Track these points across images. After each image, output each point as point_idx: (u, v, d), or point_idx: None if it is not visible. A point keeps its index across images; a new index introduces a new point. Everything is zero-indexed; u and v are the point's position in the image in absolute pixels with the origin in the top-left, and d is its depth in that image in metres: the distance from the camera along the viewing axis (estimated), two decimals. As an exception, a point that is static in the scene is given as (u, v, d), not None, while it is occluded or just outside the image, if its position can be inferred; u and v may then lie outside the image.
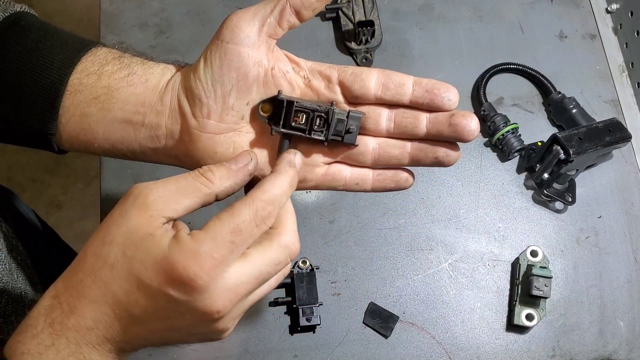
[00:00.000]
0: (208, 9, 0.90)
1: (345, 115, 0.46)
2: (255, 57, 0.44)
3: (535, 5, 0.91)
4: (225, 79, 0.44)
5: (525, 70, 0.86)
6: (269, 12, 0.44)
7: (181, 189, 0.42)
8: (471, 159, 0.83)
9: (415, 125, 0.46)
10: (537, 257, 0.76)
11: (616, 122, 0.79)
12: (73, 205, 1.74)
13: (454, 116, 0.45)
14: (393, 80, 0.46)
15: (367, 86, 0.46)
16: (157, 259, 0.38)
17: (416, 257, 0.78)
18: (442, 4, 0.91)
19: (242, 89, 0.45)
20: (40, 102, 0.47)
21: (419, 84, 0.46)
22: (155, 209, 0.40)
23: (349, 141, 0.47)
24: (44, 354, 0.38)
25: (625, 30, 0.88)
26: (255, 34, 0.44)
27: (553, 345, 0.75)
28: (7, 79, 0.47)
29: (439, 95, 0.45)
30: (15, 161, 1.75)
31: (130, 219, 0.40)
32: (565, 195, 0.79)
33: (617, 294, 0.77)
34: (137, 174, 0.80)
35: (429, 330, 0.75)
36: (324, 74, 0.47)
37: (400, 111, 0.47)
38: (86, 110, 0.47)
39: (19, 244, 0.66)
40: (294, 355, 0.73)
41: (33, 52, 0.47)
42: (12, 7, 0.50)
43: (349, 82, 0.46)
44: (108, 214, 0.41)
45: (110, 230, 0.40)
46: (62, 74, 0.47)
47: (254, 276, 0.40)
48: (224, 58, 0.44)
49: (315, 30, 0.89)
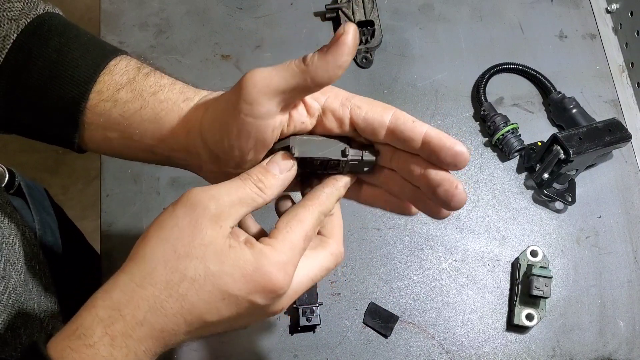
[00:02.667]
0: (208, 9, 0.90)
1: (359, 157, 0.47)
2: (273, 124, 0.43)
3: (535, 5, 0.91)
4: (243, 145, 0.44)
5: (525, 70, 0.86)
6: (292, 88, 0.41)
7: (242, 199, 0.42)
8: (471, 159, 0.83)
9: (410, 176, 0.47)
10: (537, 257, 0.76)
11: (616, 122, 0.79)
12: (73, 206, 1.74)
13: (439, 187, 0.44)
14: (404, 134, 0.45)
15: (377, 135, 0.46)
16: (246, 272, 0.40)
17: (416, 257, 0.78)
18: (442, 4, 0.91)
19: (260, 148, 0.45)
20: (63, 118, 0.48)
21: (427, 143, 0.44)
22: (226, 220, 0.41)
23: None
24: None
25: (625, 30, 0.88)
26: (275, 109, 0.42)
27: (553, 345, 0.75)
28: (32, 92, 0.48)
29: (444, 162, 0.44)
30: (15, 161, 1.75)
31: (203, 230, 0.40)
32: (565, 195, 0.79)
33: (617, 294, 0.77)
34: (137, 173, 0.80)
35: (429, 330, 0.75)
36: (336, 115, 0.46)
37: (402, 156, 0.47)
38: (108, 134, 0.48)
39: (40, 251, 0.66)
40: (294, 355, 0.73)
41: (54, 64, 0.48)
42: (35, 8, 0.50)
43: (360, 129, 0.46)
44: (166, 220, 0.41)
45: (183, 243, 0.40)
46: (82, 90, 0.47)
47: (310, 279, 0.45)
48: (242, 129, 0.43)
49: (315, 30, 0.89)
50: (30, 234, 0.64)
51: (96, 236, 0.79)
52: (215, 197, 0.41)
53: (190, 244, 0.40)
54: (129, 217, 0.79)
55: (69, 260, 0.81)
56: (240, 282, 0.40)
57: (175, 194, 0.80)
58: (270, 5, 0.91)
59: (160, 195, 0.80)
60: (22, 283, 0.59)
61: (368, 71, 0.87)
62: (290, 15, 0.90)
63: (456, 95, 0.86)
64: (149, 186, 0.80)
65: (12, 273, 0.57)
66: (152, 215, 0.79)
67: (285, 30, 0.90)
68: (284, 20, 0.90)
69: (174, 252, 0.40)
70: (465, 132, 0.84)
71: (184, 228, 0.40)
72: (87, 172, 1.79)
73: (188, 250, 0.40)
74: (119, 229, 0.78)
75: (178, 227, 0.40)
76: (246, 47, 0.88)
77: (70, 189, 1.77)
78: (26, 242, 0.62)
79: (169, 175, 0.80)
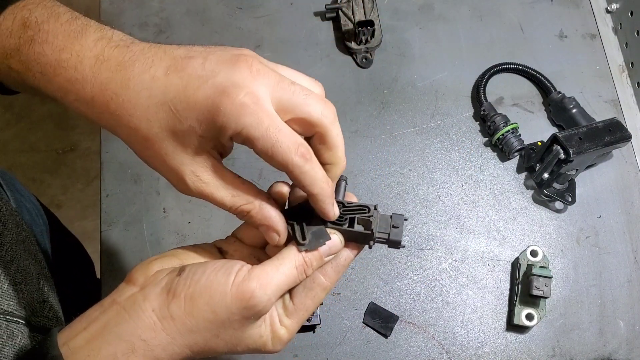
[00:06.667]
0: (208, 9, 0.90)
1: (386, 237, 0.47)
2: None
3: (535, 5, 0.91)
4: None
5: (525, 70, 0.86)
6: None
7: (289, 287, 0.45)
8: (471, 159, 0.83)
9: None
10: (537, 257, 0.76)
11: (616, 122, 0.79)
12: (73, 206, 1.74)
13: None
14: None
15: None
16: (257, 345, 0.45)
17: (416, 257, 0.78)
18: (442, 4, 0.91)
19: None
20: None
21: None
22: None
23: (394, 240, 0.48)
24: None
25: (625, 30, 0.88)
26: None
27: (553, 345, 0.75)
28: None
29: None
30: (15, 161, 1.75)
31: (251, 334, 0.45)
32: (565, 195, 0.79)
33: (617, 293, 0.77)
34: (137, 173, 0.80)
35: (429, 330, 0.75)
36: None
37: None
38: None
39: (23, 222, 0.67)
40: (294, 355, 0.73)
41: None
42: None
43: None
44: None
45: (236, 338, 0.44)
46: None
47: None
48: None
49: (315, 30, 0.89)
50: (9, 205, 0.65)
51: (96, 236, 0.79)
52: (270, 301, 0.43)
53: (239, 341, 0.45)
54: (129, 217, 0.79)
55: (51, 235, 0.82)
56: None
57: (175, 194, 0.79)
58: (270, 5, 0.91)
59: (160, 195, 0.80)
60: (15, 242, 0.60)
61: (368, 71, 0.87)
62: (290, 15, 0.90)
63: (456, 95, 0.86)
64: (149, 186, 0.80)
65: (5, 232, 0.59)
66: (152, 215, 0.79)
67: (285, 30, 0.90)
68: (283, 20, 0.90)
69: (227, 346, 0.44)
70: (465, 132, 0.84)
71: (234, 325, 0.43)
72: (87, 172, 1.79)
73: (237, 343, 0.45)
74: (119, 229, 0.78)
75: (228, 322, 0.43)
76: (246, 47, 0.88)
77: (70, 189, 1.77)
78: (7, 210, 0.63)
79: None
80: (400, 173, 0.82)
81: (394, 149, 0.83)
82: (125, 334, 0.41)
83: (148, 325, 0.41)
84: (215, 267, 0.43)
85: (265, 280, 0.42)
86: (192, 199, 0.76)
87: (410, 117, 0.85)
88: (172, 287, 0.42)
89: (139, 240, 0.78)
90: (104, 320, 0.42)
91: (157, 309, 0.42)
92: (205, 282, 0.42)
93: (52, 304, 0.64)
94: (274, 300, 0.43)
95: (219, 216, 0.79)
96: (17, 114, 1.83)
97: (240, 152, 0.81)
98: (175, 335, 0.42)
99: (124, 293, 0.44)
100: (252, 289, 0.41)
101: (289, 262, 0.44)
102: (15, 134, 1.81)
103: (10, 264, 0.58)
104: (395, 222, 0.47)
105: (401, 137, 0.84)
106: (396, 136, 0.84)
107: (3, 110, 1.83)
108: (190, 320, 0.42)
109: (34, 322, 0.59)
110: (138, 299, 0.42)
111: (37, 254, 0.67)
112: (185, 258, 0.47)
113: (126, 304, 0.42)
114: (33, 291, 0.61)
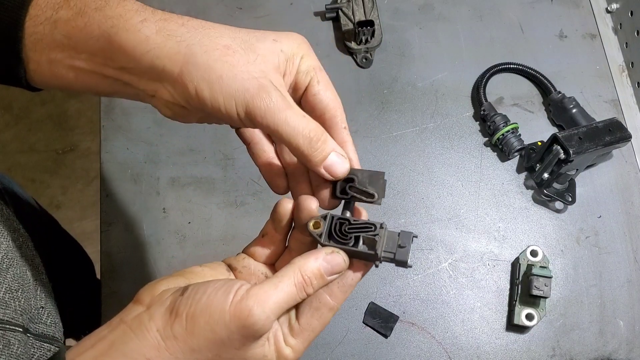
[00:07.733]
0: (208, 9, 0.90)
1: (392, 256, 0.46)
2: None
3: (535, 5, 0.91)
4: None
5: (525, 70, 0.86)
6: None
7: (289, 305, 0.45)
8: (471, 159, 0.83)
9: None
10: (537, 257, 0.76)
11: (616, 122, 0.79)
12: (73, 206, 1.74)
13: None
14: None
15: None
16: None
17: (416, 257, 0.78)
18: (442, 4, 0.91)
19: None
20: (1, 51, 0.45)
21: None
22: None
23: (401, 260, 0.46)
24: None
25: (625, 30, 0.88)
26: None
27: (553, 345, 0.75)
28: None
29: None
30: (15, 161, 1.75)
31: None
32: (565, 195, 0.79)
33: (617, 293, 0.77)
34: (137, 173, 0.80)
35: (429, 330, 0.75)
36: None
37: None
38: (53, 60, 0.45)
39: (20, 226, 0.66)
40: (294, 355, 0.73)
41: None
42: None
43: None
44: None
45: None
46: (15, 17, 0.44)
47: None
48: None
49: (315, 30, 0.89)
50: (7, 210, 0.65)
51: (96, 236, 0.79)
52: (270, 319, 0.43)
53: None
54: (129, 217, 0.79)
55: (48, 236, 0.82)
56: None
57: (175, 194, 0.80)
58: (270, 5, 0.91)
59: (160, 195, 0.80)
60: (12, 249, 0.60)
61: (368, 71, 0.87)
62: (290, 15, 0.90)
63: (456, 95, 0.86)
64: (149, 186, 0.80)
65: (2, 239, 0.59)
66: (152, 215, 0.79)
67: (285, 30, 0.89)
68: (283, 20, 0.90)
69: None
70: (465, 132, 0.84)
71: (235, 344, 0.43)
72: (86, 172, 1.79)
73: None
74: (119, 229, 0.78)
75: (229, 340, 0.43)
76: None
77: (70, 189, 1.77)
78: (3, 216, 0.63)
79: (169, 175, 0.80)
80: (400, 173, 0.82)
81: (394, 149, 0.83)
82: (130, 353, 0.42)
83: (152, 344, 0.42)
84: (216, 287, 0.43)
85: (263, 298, 0.42)
86: (192, 198, 0.77)
87: (410, 117, 0.85)
88: (174, 307, 0.43)
89: (139, 241, 0.78)
90: (111, 338, 0.43)
91: (162, 329, 0.42)
92: (205, 301, 0.42)
93: (51, 309, 0.64)
94: (273, 318, 0.43)
95: (219, 216, 0.79)
96: (16, 115, 1.83)
97: (241, 152, 0.81)
98: (178, 354, 0.42)
99: (131, 313, 0.44)
100: (249, 307, 0.41)
101: (288, 280, 0.44)
102: (14, 134, 1.80)
103: (6, 271, 0.58)
104: (402, 240, 0.46)
105: (401, 137, 0.84)
106: (396, 136, 0.84)
107: (2, 112, 1.83)
108: (192, 340, 0.42)
109: (32, 329, 0.59)
110: (144, 318, 0.43)
111: (34, 259, 0.67)
112: (191, 277, 0.47)
113: (132, 324, 0.43)
114: (30, 298, 0.61)
